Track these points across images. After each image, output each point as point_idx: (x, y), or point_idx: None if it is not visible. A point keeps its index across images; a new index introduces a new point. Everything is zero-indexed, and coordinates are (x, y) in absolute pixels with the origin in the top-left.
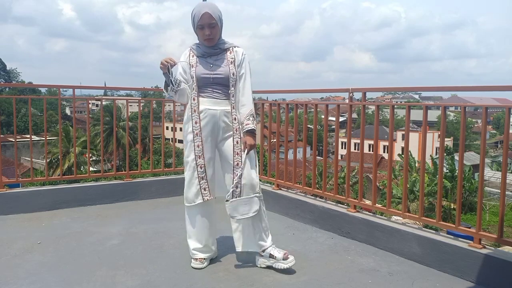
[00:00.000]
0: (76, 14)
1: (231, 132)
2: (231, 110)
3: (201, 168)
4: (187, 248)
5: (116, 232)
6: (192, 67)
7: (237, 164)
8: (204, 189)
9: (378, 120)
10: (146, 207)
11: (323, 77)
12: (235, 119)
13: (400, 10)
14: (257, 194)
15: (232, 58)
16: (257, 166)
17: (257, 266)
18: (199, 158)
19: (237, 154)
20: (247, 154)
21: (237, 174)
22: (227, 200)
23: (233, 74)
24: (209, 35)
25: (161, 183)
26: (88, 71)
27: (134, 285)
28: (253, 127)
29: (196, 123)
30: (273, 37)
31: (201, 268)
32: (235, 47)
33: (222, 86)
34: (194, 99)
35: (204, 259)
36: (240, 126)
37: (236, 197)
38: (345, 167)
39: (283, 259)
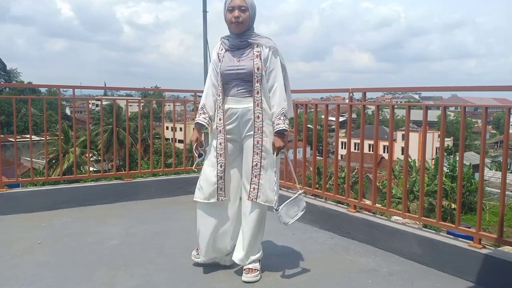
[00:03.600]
0: (75, 14)
1: (253, 132)
2: (254, 108)
3: (221, 166)
4: (187, 248)
5: (116, 232)
6: (220, 61)
7: (256, 164)
8: (221, 189)
9: (378, 120)
10: (146, 207)
11: (323, 77)
12: (258, 117)
13: (400, 10)
14: (300, 191)
15: (259, 52)
16: (277, 168)
17: None
18: (220, 157)
19: (257, 154)
20: (276, 155)
21: (255, 175)
22: (276, 209)
23: (257, 69)
24: (238, 18)
25: (161, 183)
26: (88, 71)
27: (134, 285)
28: (284, 127)
29: (220, 120)
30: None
31: (197, 263)
32: (263, 38)
33: (246, 82)
34: (219, 95)
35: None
36: (267, 126)
37: (259, 199)
38: (345, 167)
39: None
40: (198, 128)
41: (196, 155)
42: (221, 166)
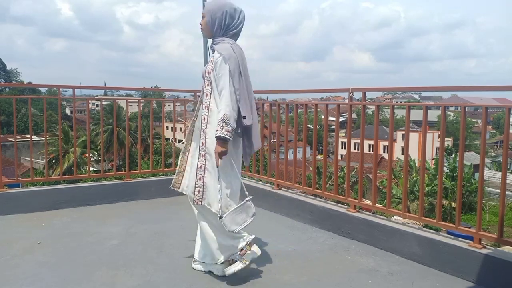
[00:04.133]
0: (75, 14)
1: (199, 133)
2: (202, 110)
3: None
4: (187, 248)
5: (116, 232)
6: None
7: (200, 166)
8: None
9: (378, 120)
10: (146, 207)
11: (323, 77)
12: (204, 119)
13: (400, 10)
14: (248, 198)
15: (213, 57)
16: (223, 173)
17: (257, 266)
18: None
19: (202, 156)
20: (216, 160)
21: (199, 177)
22: (220, 217)
23: (208, 73)
24: (200, 25)
25: (161, 183)
26: (88, 71)
27: (134, 285)
28: (219, 134)
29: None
30: (272, 37)
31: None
32: (221, 44)
33: (204, 85)
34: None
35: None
36: (211, 128)
37: (204, 201)
38: (345, 167)
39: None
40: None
41: None
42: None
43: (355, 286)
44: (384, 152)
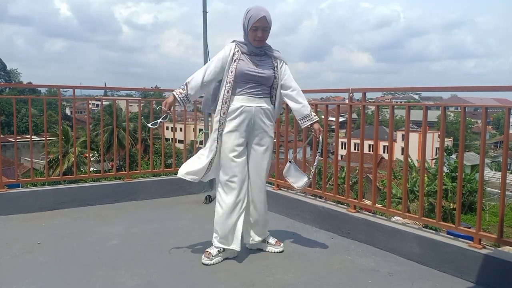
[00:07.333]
0: (73, 14)
1: (263, 128)
2: (267, 108)
3: (214, 154)
4: (187, 248)
5: (116, 232)
6: (234, 62)
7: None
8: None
9: (378, 120)
10: (146, 207)
11: (323, 77)
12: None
13: (399, 10)
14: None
15: (277, 64)
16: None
17: (257, 266)
18: (215, 142)
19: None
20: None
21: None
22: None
23: (275, 78)
24: (261, 37)
25: (161, 183)
26: (87, 71)
27: (134, 285)
28: (317, 118)
29: (224, 114)
30: (271, 37)
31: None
32: (276, 52)
33: (261, 85)
34: (228, 92)
35: (219, 251)
36: (304, 118)
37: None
38: (345, 167)
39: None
40: (173, 99)
41: (162, 116)
42: (214, 154)
43: (355, 286)
44: (384, 152)
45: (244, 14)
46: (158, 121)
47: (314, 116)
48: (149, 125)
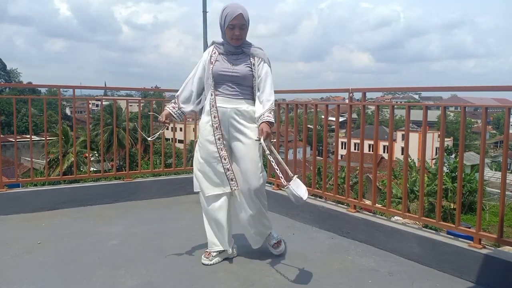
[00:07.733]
0: (73, 14)
1: (242, 129)
2: (244, 108)
3: (225, 159)
4: (187, 248)
5: (116, 232)
6: (212, 64)
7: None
8: (232, 180)
9: (378, 120)
10: (146, 207)
11: (323, 77)
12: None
13: (399, 10)
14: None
15: (254, 62)
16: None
17: (257, 266)
18: (222, 150)
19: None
20: (264, 140)
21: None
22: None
23: (252, 76)
24: (238, 36)
25: (161, 183)
26: (87, 71)
27: (134, 285)
28: (271, 120)
29: (215, 117)
30: (271, 37)
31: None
32: (256, 49)
33: (240, 86)
34: (211, 95)
35: (218, 252)
36: (258, 118)
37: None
38: (345, 167)
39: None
40: (168, 113)
41: (162, 130)
42: (225, 159)
43: (355, 286)
44: (384, 152)
45: (220, 13)
46: (157, 134)
47: (267, 117)
48: (149, 139)
